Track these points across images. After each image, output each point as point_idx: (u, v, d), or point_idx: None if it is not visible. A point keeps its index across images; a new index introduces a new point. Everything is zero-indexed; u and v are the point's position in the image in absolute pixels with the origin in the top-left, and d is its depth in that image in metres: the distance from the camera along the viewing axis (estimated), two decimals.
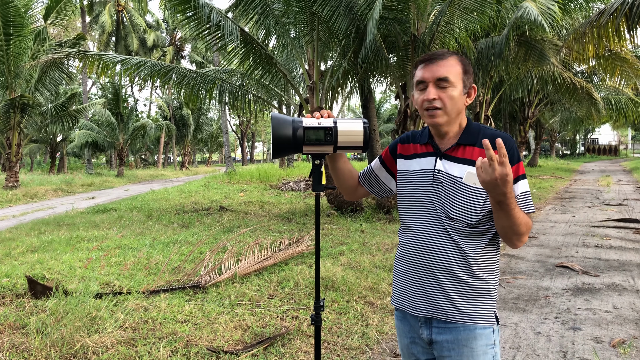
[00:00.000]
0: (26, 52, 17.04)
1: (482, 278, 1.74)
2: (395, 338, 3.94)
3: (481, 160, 1.51)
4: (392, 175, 1.99)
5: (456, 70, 1.72)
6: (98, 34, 39.87)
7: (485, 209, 1.71)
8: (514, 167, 1.69)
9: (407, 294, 1.83)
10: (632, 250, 7.03)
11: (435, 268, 1.74)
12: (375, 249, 6.97)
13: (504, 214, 1.61)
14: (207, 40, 10.24)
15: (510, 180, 1.49)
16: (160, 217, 10.50)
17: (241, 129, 51.06)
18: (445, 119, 1.73)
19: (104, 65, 10.41)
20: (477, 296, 1.73)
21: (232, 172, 23.62)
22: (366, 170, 2.06)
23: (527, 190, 1.73)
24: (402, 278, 1.85)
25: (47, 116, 20.90)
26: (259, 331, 3.97)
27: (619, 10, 8.42)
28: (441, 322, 1.75)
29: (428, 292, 1.76)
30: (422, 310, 1.78)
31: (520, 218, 1.64)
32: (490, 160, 1.47)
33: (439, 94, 1.71)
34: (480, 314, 1.73)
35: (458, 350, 1.72)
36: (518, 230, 1.65)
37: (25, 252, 6.86)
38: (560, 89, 15.82)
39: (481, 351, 1.71)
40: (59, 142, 32.61)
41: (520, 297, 5.02)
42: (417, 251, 1.79)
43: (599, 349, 3.72)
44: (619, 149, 56.04)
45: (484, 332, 1.72)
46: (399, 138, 1.97)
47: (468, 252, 1.72)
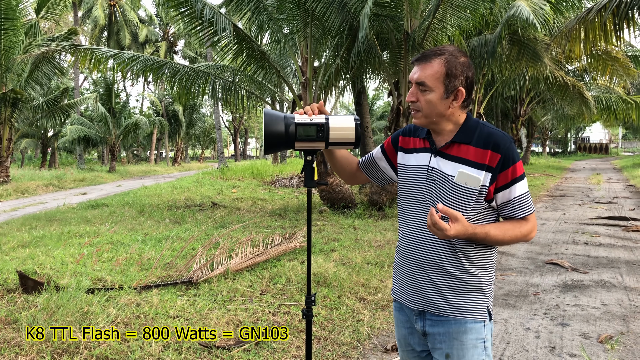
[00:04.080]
0: (17, 46, 16.89)
1: (474, 273, 1.75)
2: (386, 333, 3.97)
3: (430, 228, 1.65)
4: (391, 165, 2.02)
5: (437, 74, 1.70)
6: (90, 29, 39.58)
7: (477, 209, 1.72)
8: (510, 169, 1.69)
9: (403, 286, 1.87)
10: (621, 248, 7.11)
11: (425, 263, 1.77)
12: (367, 245, 7.00)
13: (482, 242, 1.73)
14: (200, 36, 10.21)
15: (456, 234, 1.62)
16: (153, 213, 10.47)
17: (234, 125, 50.91)
18: (423, 120, 1.76)
19: (96, 59, 10.35)
20: (469, 291, 1.75)
21: (225, 168, 23.58)
22: (367, 158, 2.08)
23: (524, 192, 1.72)
24: (399, 271, 1.90)
25: (38, 111, 20.73)
26: (250, 326, 3.99)
27: (606, 7, 8.46)
28: (434, 315, 1.78)
29: (420, 285, 1.79)
30: (416, 303, 1.82)
31: (500, 238, 1.71)
32: (433, 227, 1.62)
33: (418, 97, 1.73)
34: (471, 308, 1.74)
35: (449, 343, 1.76)
36: (508, 244, 1.75)
37: (16, 247, 6.83)
38: (552, 88, 15.92)
39: (471, 345, 1.74)
40: (51, 137, 32.39)
41: (510, 294, 5.07)
42: (409, 245, 1.82)
43: (587, 344, 3.78)
44: (609, 147, 56.45)
45: (475, 326, 1.75)
46: (401, 130, 1.99)
47: (459, 247, 1.73)
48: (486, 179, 1.68)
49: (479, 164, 1.68)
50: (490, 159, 1.67)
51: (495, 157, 1.67)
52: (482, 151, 1.69)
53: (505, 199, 1.71)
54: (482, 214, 1.73)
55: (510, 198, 1.71)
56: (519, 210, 1.72)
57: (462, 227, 1.62)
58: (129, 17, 40.23)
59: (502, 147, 1.68)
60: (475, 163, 1.69)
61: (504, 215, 1.76)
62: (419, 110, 1.74)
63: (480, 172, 1.68)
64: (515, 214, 1.73)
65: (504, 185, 1.69)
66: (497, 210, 1.76)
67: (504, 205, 1.73)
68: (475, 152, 1.70)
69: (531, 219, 1.75)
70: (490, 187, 1.69)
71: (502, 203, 1.73)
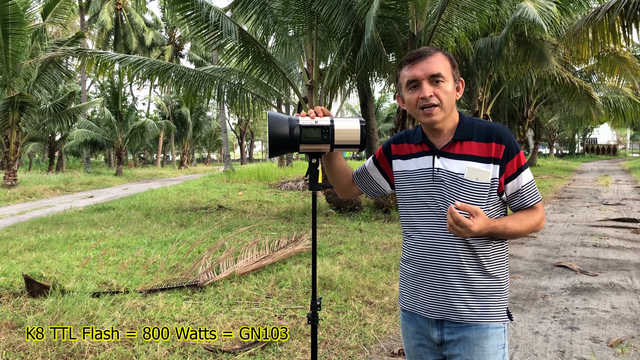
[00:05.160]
0: (25, 50, 17.01)
1: (493, 274, 1.73)
2: (393, 337, 3.93)
3: (450, 228, 1.61)
4: (384, 176, 1.98)
5: (446, 65, 1.72)
6: (97, 33, 39.77)
7: (491, 203, 1.71)
8: (515, 158, 1.70)
9: (418, 296, 1.80)
10: (631, 250, 7.03)
11: (446, 268, 1.72)
12: (373, 248, 6.97)
13: (501, 236, 1.70)
14: (206, 39, 10.23)
15: (479, 228, 1.58)
16: (159, 216, 10.49)
17: (240, 128, 51.00)
18: (442, 115, 1.72)
19: (102, 63, 10.39)
20: (490, 294, 1.72)
21: (231, 171, 23.60)
22: (360, 170, 2.05)
23: (531, 180, 1.74)
24: (412, 281, 1.83)
25: (45, 115, 20.86)
26: (251, 327, 3.96)
27: (614, 8, 8.39)
28: (453, 322, 1.74)
29: (440, 293, 1.74)
30: (435, 313, 1.76)
31: (518, 229, 1.69)
32: (456, 226, 1.57)
33: (434, 90, 1.69)
34: (492, 312, 1.72)
35: (469, 349, 1.71)
36: (524, 235, 1.74)
37: (22, 250, 6.85)
38: (559, 89, 15.83)
39: (492, 351, 1.71)
40: (58, 141, 32.55)
41: (518, 297, 5.02)
42: (425, 253, 1.76)
43: (597, 348, 3.72)
44: (617, 148, 56.07)
45: (496, 331, 1.72)
46: (392, 138, 1.95)
47: (477, 248, 1.70)
48: (495, 171, 1.69)
49: (485, 157, 1.69)
50: (496, 151, 1.69)
51: (500, 149, 1.69)
52: (485, 145, 1.70)
53: (515, 189, 1.73)
54: (495, 208, 1.73)
55: (519, 187, 1.72)
56: (529, 199, 1.73)
57: (484, 221, 1.60)
58: (136, 21, 40.41)
59: (504, 138, 1.70)
60: (481, 157, 1.69)
61: (514, 206, 1.77)
62: (436, 105, 1.70)
63: (488, 166, 1.68)
64: (526, 203, 1.74)
65: (512, 175, 1.71)
66: (507, 202, 1.77)
67: (514, 196, 1.74)
68: (479, 147, 1.70)
69: (540, 208, 1.76)
70: (501, 179, 1.70)
71: (511, 194, 1.74)
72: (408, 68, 1.73)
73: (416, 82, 1.71)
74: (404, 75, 1.75)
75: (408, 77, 1.72)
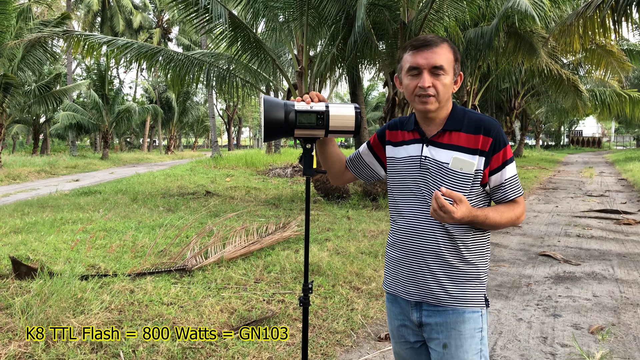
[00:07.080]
0: (9, 30, 16.66)
1: (472, 262, 1.78)
2: (380, 322, 4.00)
3: (434, 213, 1.64)
4: (379, 161, 2.01)
5: (449, 58, 1.74)
6: (83, 14, 39.16)
7: (473, 193, 1.75)
8: (500, 152, 1.74)
9: (398, 279, 1.86)
10: (612, 240, 7.17)
11: (425, 253, 1.77)
12: (361, 235, 7.02)
13: (481, 226, 1.74)
14: (195, 23, 10.12)
15: (462, 215, 1.62)
16: (146, 201, 10.44)
17: (228, 114, 50.66)
18: (436, 105, 1.74)
19: (89, 45, 10.24)
20: (467, 280, 1.77)
21: (219, 157, 23.50)
22: (354, 156, 2.08)
23: (514, 174, 1.78)
24: (394, 264, 1.88)
25: (30, 96, 20.53)
26: (245, 314, 4.00)
27: (605, 2, 8.46)
28: (431, 305, 1.79)
29: (419, 277, 1.79)
30: (414, 295, 1.81)
31: (498, 220, 1.74)
32: (439, 211, 1.61)
33: (433, 82, 1.72)
34: (469, 297, 1.77)
35: (447, 333, 1.77)
36: (504, 227, 1.78)
37: (8, 233, 6.79)
38: (547, 81, 15.94)
39: (469, 334, 1.76)
40: (43, 123, 32.10)
41: (503, 285, 5.11)
42: (407, 237, 1.82)
43: (578, 335, 3.81)
44: (602, 141, 56.76)
45: (473, 315, 1.77)
46: (387, 124, 1.98)
47: (457, 236, 1.75)
48: (480, 163, 1.72)
49: (472, 149, 1.72)
50: (483, 143, 1.72)
51: (487, 141, 1.72)
52: (473, 136, 1.73)
53: (498, 182, 1.77)
54: (478, 198, 1.77)
55: (502, 180, 1.76)
56: (510, 193, 1.77)
57: (466, 209, 1.64)
58: (123, 3, 39.79)
59: (492, 131, 1.73)
60: (468, 149, 1.73)
61: (496, 198, 1.81)
62: (432, 95, 1.72)
63: (474, 157, 1.72)
64: (508, 196, 1.78)
65: (496, 168, 1.75)
66: (490, 194, 1.81)
67: (497, 188, 1.78)
68: (467, 138, 1.73)
69: (521, 202, 1.81)
70: (485, 171, 1.74)
71: (494, 186, 1.78)
72: (412, 54, 1.74)
73: (417, 70, 1.73)
74: (406, 59, 1.76)
75: (410, 63, 1.74)
